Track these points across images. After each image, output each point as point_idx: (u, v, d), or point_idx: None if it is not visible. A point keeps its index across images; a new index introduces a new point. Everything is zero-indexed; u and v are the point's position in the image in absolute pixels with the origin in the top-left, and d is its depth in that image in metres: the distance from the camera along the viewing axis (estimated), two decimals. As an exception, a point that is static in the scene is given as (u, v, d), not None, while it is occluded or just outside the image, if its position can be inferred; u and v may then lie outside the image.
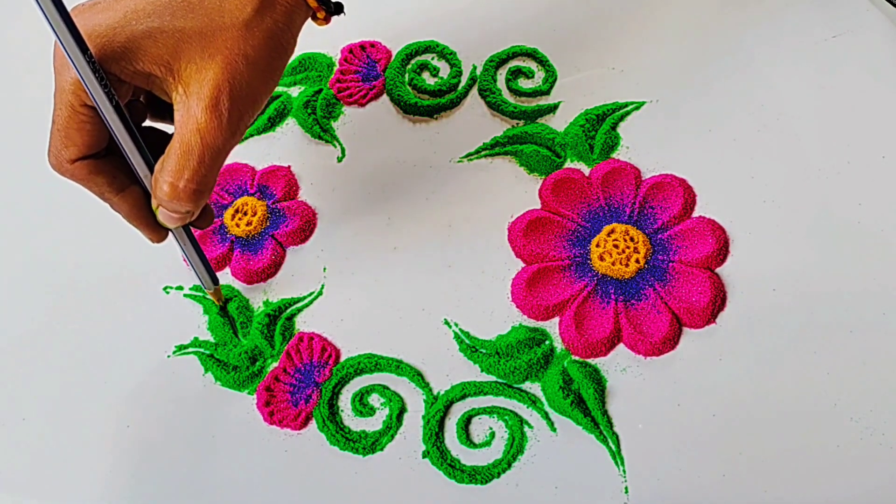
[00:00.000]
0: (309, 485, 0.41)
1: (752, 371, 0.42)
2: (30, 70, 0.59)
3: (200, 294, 0.47)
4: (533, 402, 0.42)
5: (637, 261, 0.44)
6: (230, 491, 0.42)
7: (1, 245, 0.51)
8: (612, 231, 0.45)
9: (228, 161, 0.52)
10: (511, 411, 0.42)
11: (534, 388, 0.43)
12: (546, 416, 0.42)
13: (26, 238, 0.51)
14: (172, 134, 0.37)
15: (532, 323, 0.44)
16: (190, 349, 0.46)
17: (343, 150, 0.52)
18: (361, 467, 0.42)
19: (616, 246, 0.45)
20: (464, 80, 0.53)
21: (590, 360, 0.43)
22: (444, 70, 0.54)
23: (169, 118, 0.41)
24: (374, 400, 0.43)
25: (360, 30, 0.55)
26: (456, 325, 0.45)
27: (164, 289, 0.48)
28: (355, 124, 0.53)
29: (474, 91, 0.53)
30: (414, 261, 0.47)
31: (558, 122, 0.51)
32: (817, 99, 0.49)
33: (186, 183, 0.37)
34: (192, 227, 0.42)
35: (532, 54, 0.53)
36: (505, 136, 0.50)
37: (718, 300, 0.43)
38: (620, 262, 0.44)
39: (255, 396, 0.44)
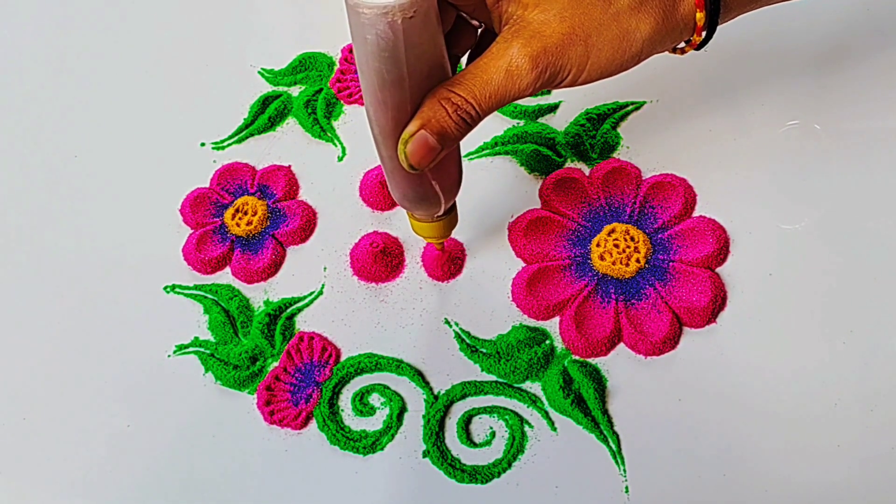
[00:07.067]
0: (309, 485, 0.41)
1: (753, 371, 0.42)
2: (30, 68, 0.59)
3: (200, 294, 0.47)
4: (533, 401, 0.42)
5: (637, 260, 0.44)
6: (230, 491, 0.42)
7: (1, 245, 0.51)
8: (613, 231, 0.45)
9: (228, 161, 0.52)
10: (511, 411, 0.42)
11: (534, 387, 0.43)
12: (546, 415, 0.42)
13: (27, 238, 0.51)
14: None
15: (532, 322, 0.44)
16: (190, 349, 0.46)
17: (343, 150, 0.52)
18: (361, 467, 0.42)
19: (616, 245, 0.45)
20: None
21: (590, 360, 0.43)
22: (445, 70, 0.54)
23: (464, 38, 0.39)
24: (375, 399, 0.43)
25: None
26: (456, 324, 0.45)
27: (164, 289, 0.48)
28: (355, 124, 0.53)
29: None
30: (415, 260, 0.47)
31: (559, 122, 0.51)
32: (817, 98, 0.49)
33: (468, 106, 0.34)
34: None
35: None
36: (505, 136, 0.50)
37: (719, 300, 0.43)
38: (621, 261, 0.44)
39: (255, 396, 0.44)
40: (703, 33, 0.37)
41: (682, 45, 0.38)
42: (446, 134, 0.34)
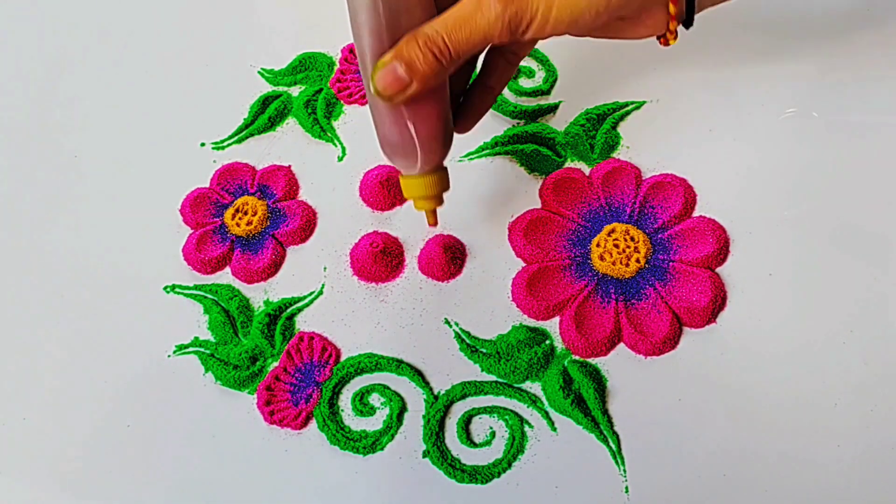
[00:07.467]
0: (309, 485, 0.41)
1: (753, 371, 0.42)
2: (30, 69, 0.59)
3: (200, 294, 0.47)
4: (533, 401, 0.42)
5: (637, 260, 0.44)
6: (230, 491, 0.42)
7: (1, 245, 0.51)
8: (613, 231, 0.45)
9: (228, 161, 0.52)
10: (511, 411, 0.42)
11: (534, 387, 0.43)
12: (546, 415, 0.42)
13: (26, 238, 0.51)
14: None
15: (532, 322, 0.44)
16: (190, 349, 0.46)
17: (343, 150, 0.52)
18: (362, 467, 0.42)
19: (616, 245, 0.45)
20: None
21: (590, 360, 0.43)
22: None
23: None
24: (375, 399, 0.43)
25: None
26: (456, 324, 0.45)
27: (164, 289, 0.48)
28: (355, 124, 0.53)
29: (474, 91, 0.53)
30: (415, 260, 0.47)
31: (558, 122, 0.51)
32: (818, 98, 0.49)
33: (438, 38, 0.36)
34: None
35: (532, 54, 0.53)
36: (505, 136, 0.50)
37: (719, 300, 0.43)
38: (621, 261, 0.44)
39: (255, 396, 0.44)
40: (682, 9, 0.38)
41: (665, 34, 0.39)
42: (414, 66, 0.36)
